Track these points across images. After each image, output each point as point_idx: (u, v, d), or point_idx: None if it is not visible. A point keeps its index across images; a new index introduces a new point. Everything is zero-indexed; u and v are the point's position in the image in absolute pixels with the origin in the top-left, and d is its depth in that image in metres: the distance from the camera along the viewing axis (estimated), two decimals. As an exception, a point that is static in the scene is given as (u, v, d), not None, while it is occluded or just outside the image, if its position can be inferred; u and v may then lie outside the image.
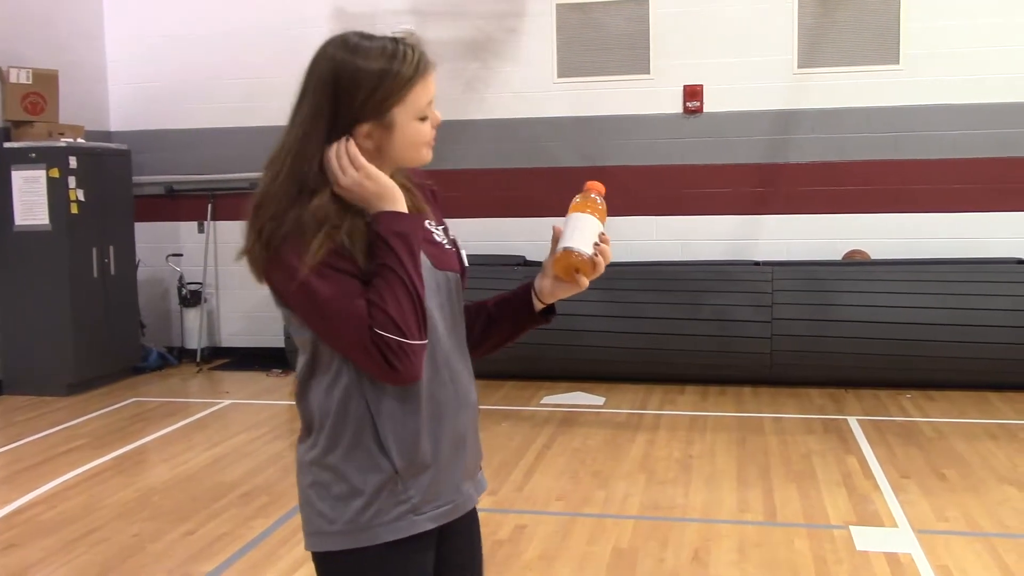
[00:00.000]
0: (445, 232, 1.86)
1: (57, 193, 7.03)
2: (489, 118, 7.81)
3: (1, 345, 7.21)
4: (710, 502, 4.58)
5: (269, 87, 7.72)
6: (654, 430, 5.83)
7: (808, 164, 7.44)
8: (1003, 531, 4.15)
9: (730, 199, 7.55)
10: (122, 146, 7.87)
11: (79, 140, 7.35)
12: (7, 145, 7.11)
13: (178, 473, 5.24)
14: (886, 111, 7.27)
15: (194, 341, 8.25)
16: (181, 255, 8.33)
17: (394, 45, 1.67)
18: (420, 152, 1.73)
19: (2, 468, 5.43)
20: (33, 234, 7.06)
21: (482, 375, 1.97)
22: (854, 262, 7.09)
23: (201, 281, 8.30)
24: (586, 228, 1.77)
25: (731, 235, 7.55)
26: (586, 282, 1.80)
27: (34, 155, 7.03)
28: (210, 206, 8.30)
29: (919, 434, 5.62)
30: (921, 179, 7.27)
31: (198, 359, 8.14)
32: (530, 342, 2.46)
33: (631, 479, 4.92)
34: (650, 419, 6.09)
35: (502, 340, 1.94)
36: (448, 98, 7.54)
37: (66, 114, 7.56)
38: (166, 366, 8.11)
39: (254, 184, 1.71)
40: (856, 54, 7.28)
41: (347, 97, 1.64)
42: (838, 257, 7.27)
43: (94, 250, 7.32)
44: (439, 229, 1.84)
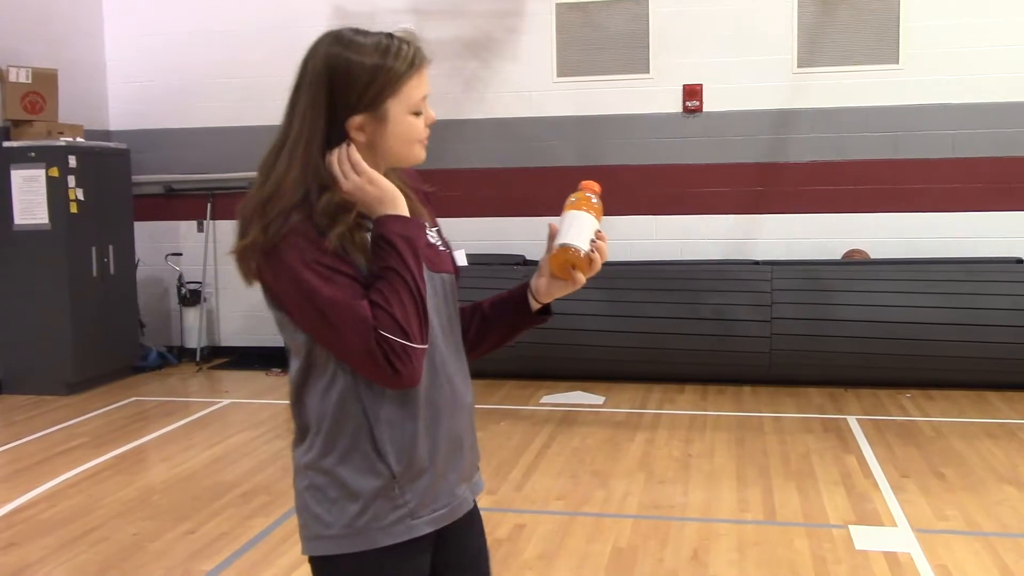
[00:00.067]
0: (439, 234, 1.85)
1: (56, 192, 7.03)
2: (489, 117, 7.81)
3: (1, 344, 7.21)
4: (709, 501, 4.58)
5: (269, 86, 7.67)
6: (653, 429, 5.83)
7: (807, 163, 7.44)
8: (1002, 530, 4.15)
9: (730, 198, 7.55)
10: (121, 145, 7.88)
11: (78, 139, 7.35)
12: (6, 144, 7.11)
13: (178, 472, 5.24)
14: (885, 111, 7.27)
15: (194, 340, 8.25)
16: (180, 254, 8.33)
17: (388, 40, 1.66)
18: (413, 149, 1.71)
19: (2, 467, 5.43)
20: (33, 233, 7.05)
21: (482, 375, 1.97)
22: (853, 261, 7.09)
23: (200, 280, 8.29)
24: (583, 225, 1.76)
25: (730, 234, 7.55)
26: (583, 279, 1.79)
27: (33, 154, 7.03)
28: (209, 205, 8.30)
29: (918, 433, 5.63)
30: (920, 178, 7.28)
31: (198, 358, 8.14)
32: (530, 342, 2.46)
33: (630, 478, 4.93)
34: (649, 418, 6.09)
35: (498, 341, 1.93)
36: (448, 97, 7.56)
37: (65, 113, 7.55)
38: (166, 365, 8.11)
39: (254, 183, 1.69)
40: (855, 53, 7.29)
41: (342, 90, 1.63)
42: (837, 256, 7.27)
43: (93, 249, 7.32)
44: (433, 231, 1.83)
